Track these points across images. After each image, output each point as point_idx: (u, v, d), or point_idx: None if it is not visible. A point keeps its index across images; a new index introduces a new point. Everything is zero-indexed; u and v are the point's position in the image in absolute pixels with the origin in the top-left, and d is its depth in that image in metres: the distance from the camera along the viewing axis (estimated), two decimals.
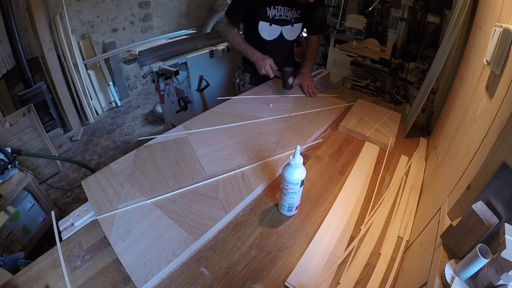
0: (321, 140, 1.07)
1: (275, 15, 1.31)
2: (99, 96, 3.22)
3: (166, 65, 2.05)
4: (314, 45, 1.56)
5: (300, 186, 0.70)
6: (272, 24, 1.33)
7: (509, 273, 0.34)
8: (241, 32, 1.53)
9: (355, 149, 1.03)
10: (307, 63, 1.48)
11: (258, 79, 1.48)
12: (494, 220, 0.41)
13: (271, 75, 1.31)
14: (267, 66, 1.30)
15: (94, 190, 0.78)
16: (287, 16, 1.34)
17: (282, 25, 1.35)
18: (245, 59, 1.49)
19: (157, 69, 2.05)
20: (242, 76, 1.59)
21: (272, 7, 1.28)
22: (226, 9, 1.41)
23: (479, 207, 0.43)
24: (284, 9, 1.31)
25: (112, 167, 0.86)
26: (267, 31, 1.35)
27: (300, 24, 1.41)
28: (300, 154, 0.99)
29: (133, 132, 2.98)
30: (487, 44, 0.61)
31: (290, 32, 1.40)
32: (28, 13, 2.46)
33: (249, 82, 1.56)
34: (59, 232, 0.70)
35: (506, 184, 0.42)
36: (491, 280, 0.37)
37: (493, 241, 0.42)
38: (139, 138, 1.01)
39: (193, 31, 3.03)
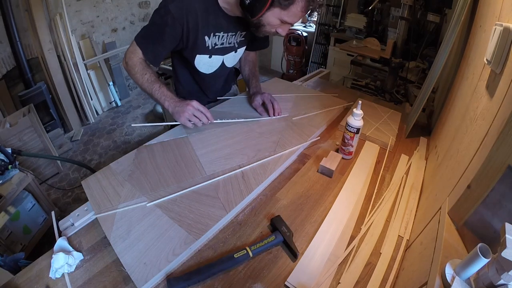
0: (318, 137, 1.07)
1: (215, 44, 1.02)
2: (99, 96, 3.22)
3: (166, 64, 2.05)
4: (252, 58, 1.29)
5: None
6: (212, 56, 1.05)
7: (509, 273, 0.34)
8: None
9: (355, 148, 1.03)
10: (255, 83, 1.22)
11: (204, 101, 1.24)
12: None
13: (210, 120, 0.98)
14: (196, 111, 0.94)
15: (94, 190, 0.78)
16: (230, 43, 1.06)
17: (224, 54, 1.08)
18: (176, 80, 1.22)
19: (157, 69, 2.05)
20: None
21: (211, 35, 0.98)
22: (137, 34, 0.97)
23: None
24: (227, 35, 1.02)
25: (112, 167, 0.86)
26: (206, 64, 1.07)
27: (244, 48, 1.15)
28: (300, 153, 0.99)
29: (133, 132, 2.98)
30: (487, 43, 0.61)
31: (233, 59, 1.15)
32: (28, 13, 2.46)
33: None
34: (60, 232, 0.70)
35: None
36: (491, 279, 0.37)
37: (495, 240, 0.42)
38: (133, 124, 0.96)
39: None
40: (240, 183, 0.82)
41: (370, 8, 2.73)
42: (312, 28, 3.91)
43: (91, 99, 3.06)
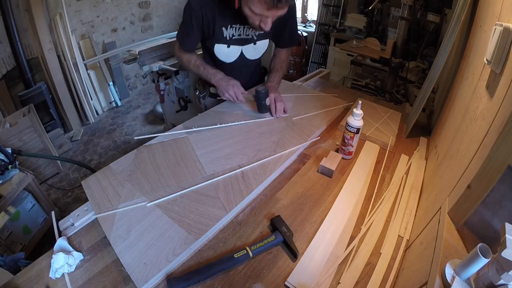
0: (318, 137, 1.07)
1: (233, 35, 1.11)
2: (99, 96, 3.22)
3: (166, 64, 2.06)
4: (282, 56, 1.32)
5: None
6: (231, 46, 1.13)
7: (509, 273, 0.34)
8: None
9: (355, 148, 1.03)
10: (273, 77, 1.25)
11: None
12: None
13: (239, 99, 1.11)
14: (233, 88, 1.10)
15: (94, 190, 0.78)
16: (247, 35, 1.13)
17: (242, 44, 1.16)
18: None
19: (157, 69, 2.06)
20: (202, 89, 1.37)
21: (229, 26, 1.08)
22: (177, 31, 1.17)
23: None
24: (244, 27, 1.10)
25: (112, 167, 0.86)
26: (225, 53, 1.16)
27: (266, 41, 1.21)
28: (300, 153, 0.99)
29: (133, 132, 2.98)
30: (487, 43, 0.61)
31: (253, 52, 1.21)
32: (28, 13, 2.46)
33: (210, 95, 1.35)
34: (60, 232, 0.70)
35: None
36: (491, 279, 0.37)
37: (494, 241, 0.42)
38: (135, 137, 0.99)
39: None
40: (240, 183, 0.82)
41: (370, 8, 2.73)
42: (312, 28, 3.91)
43: (91, 99, 3.06)
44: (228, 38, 1.10)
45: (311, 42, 3.79)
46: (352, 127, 0.90)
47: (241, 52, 1.18)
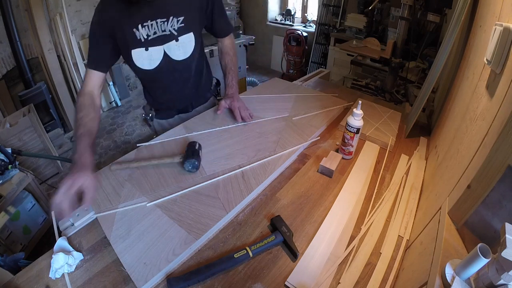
0: (318, 137, 1.07)
1: (148, 35, 0.93)
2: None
3: None
4: (228, 49, 1.18)
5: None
6: (149, 48, 0.95)
7: (509, 273, 0.34)
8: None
9: (355, 148, 1.03)
10: (230, 81, 1.15)
11: (164, 113, 1.21)
12: None
13: (66, 213, 0.63)
14: (66, 192, 0.64)
15: None
16: (164, 31, 0.94)
17: (162, 43, 0.96)
18: (145, 91, 1.18)
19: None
20: (149, 109, 1.22)
21: (139, 26, 0.91)
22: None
23: None
24: (157, 23, 0.92)
25: (112, 167, 0.86)
26: (146, 58, 0.96)
27: (190, 36, 1.00)
28: (300, 153, 0.99)
29: (134, 132, 2.99)
30: (487, 43, 0.61)
31: (178, 50, 1.00)
32: (28, 13, 2.46)
33: (156, 117, 1.22)
34: (60, 232, 0.70)
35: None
36: (491, 279, 0.37)
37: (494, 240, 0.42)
38: (138, 145, 0.94)
39: None
40: (240, 183, 0.82)
41: (370, 8, 2.74)
42: (312, 28, 3.91)
43: None
44: (143, 40, 0.93)
45: (311, 42, 3.79)
46: (352, 127, 0.90)
47: (164, 53, 0.99)
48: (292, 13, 4.18)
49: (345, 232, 0.72)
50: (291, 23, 4.16)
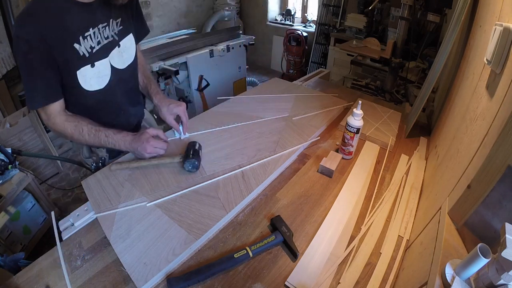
0: (318, 137, 1.07)
1: (91, 47, 0.78)
2: None
3: (166, 64, 2.06)
4: (142, 62, 1.05)
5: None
6: (95, 63, 0.80)
7: (509, 273, 0.34)
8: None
9: (355, 148, 1.03)
10: (154, 88, 1.03)
11: (116, 151, 0.97)
12: None
13: (163, 151, 0.87)
14: (148, 144, 0.83)
15: (94, 190, 0.78)
16: (107, 37, 0.82)
17: (107, 54, 0.83)
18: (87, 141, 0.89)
19: (157, 69, 2.05)
20: (97, 156, 1.01)
21: (80, 38, 0.75)
22: (31, 99, 0.76)
23: None
24: (98, 29, 0.79)
25: (112, 167, 0.86)
26: (93, 77, 0.82)
27: (130, 38, 0.90)
28: (300, 153, 0.99)
29: None
30: (487, 43, 0.61)
31: (121, 57, 0.88)
32: None
33: (110, 157, 1.01)
34: (59, 232, 0.70)
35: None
36: (491, 279, 0.37)
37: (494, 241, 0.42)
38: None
39: (193, 31, 3.03)
40: (240, 183, 0.82)
41: (370, 8, 2.73)
42: (312, 28, 3.91)
43: None
44: (88, 55, 0.78)
45: (311, 42, 3.79)
46: (352, 127, 0.90)
47: (111, 66, 0.85)
48: (292, 13, 4.18)
49: (345, 232, 0.72)
50: (291, 23, 4.16)
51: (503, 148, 0.44)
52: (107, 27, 0.82)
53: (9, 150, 1.53)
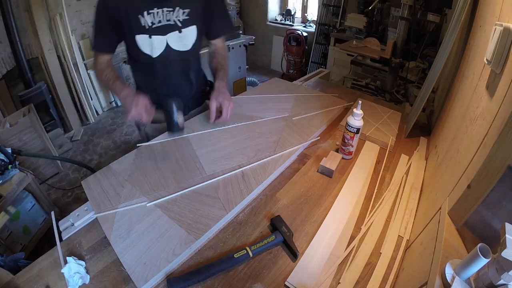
0: (318, 137, 1.07)
1: (152, 23, 0.94)
2: (99, 96, 3.22)
3: None
4: (220, 50, 1.16)
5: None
6: (152, 36, 0.96)
7: (509, 273, 0.34)
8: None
9: (355, 148, 1.03)
10: (221, 75, 1.11)
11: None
12: None
13: (143, 121, 0.89)
14: (136, 108, 0.87)
15: (94, 190, 0.78)
16: (169, 20, 0.96)
17: (165, 33, 0.98)
18: (141, 90, 1.15)
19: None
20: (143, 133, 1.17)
21: (145, 13, 0.92)
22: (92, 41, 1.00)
23: None
24: (163, 11, 0.94)
25: (112, 167, 0.86)
26: (148, 45, 0.98)
27: (193, 29, 1.01)
28: (300, 153, 0.99)
29: (134, 132, 2.98)
30: (487, 43, 0.61)
31: (179, 41, 1.01)
32: (28, 13, 2.46)
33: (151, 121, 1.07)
34: (59, 232, 0.70)
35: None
36: (491, 279, 0.37)
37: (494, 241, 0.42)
38: (137, 145, 0.94)
39: None
40: (240, 183, 0.82)
41: (370, 8, 2.74)
42: (312, 28, 3.91)
43: (91, 99, 3.06)
44: (147, 27, 0.94)
45: (311, 42, 3.79)
46: (352, 127, 0.90)
47: (167, 44, 1.00)
48: (292, 13, 4.18)
49: (345, 232, 0.72)
50: (291, 23, 4.16)
51: (503, 148, 0.44)
52: (171, 12, 0.96)
53: (9, 150, 1.53)
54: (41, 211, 1.78)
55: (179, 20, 0.98)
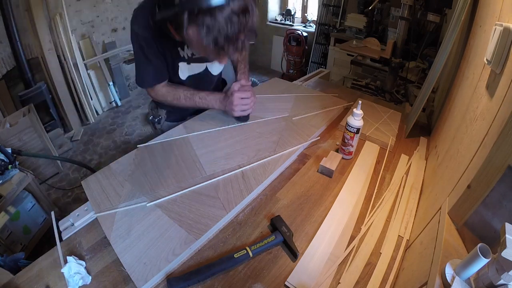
0: (318, 137, 1.07)
1: (192, 55, 1.00)
2: (99, 96, 3.22)
3: None
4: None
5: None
6: (191, 63, 1.03)
7: (509, 273, 0.34)
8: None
9: (355, 148, 1.03)
10: (242, 68, 1.16)
11: (177, 114, 1.20)
12: None
13: (251, 108, 1.03)
14: (237, 103, 0.99)
15: (94, 190, 0.78)
16: None
17: (204, 61, 1.07)
18: None
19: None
20: (156, 112, 1.20)
21: (185, 47, 0.98)
22: (138, 80, 1.03)
23: None
24: None
25: (112, 167, 0.86)
26: (187, 69, 1.05)
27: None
28: (300, 153, 0.99)
29: (134, 132, 2.99)
30: (487, 43, 0.61)
31: (218, 67, 1.13)
32: (28, 13, 2.46)
33: (167, 119, 1.20)
34: (59, 232, 0.70)
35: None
36: (491, 279, 0.37)
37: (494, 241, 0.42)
38: (138, 146, 0.95)
39: None
40: (240, 183, 0.82)
41: (370, 8, 2.74)
42: (312, 28, 3.91)
43: (91, 99, 3.06)
44: (187, 58, 1.00)
45: (311, 42, 3.79)
46: (352, 127, 0.90)
47: (206, 68, 1.08)
48: (292, 13, 4.18)
49: (345, 232, 0.72)
50: (291, 23, 4.16)
51: (503, 148, 0.44)
52: None
53: (9, 150, 1.53)
54: (41, 211, 1.78)
55: None
